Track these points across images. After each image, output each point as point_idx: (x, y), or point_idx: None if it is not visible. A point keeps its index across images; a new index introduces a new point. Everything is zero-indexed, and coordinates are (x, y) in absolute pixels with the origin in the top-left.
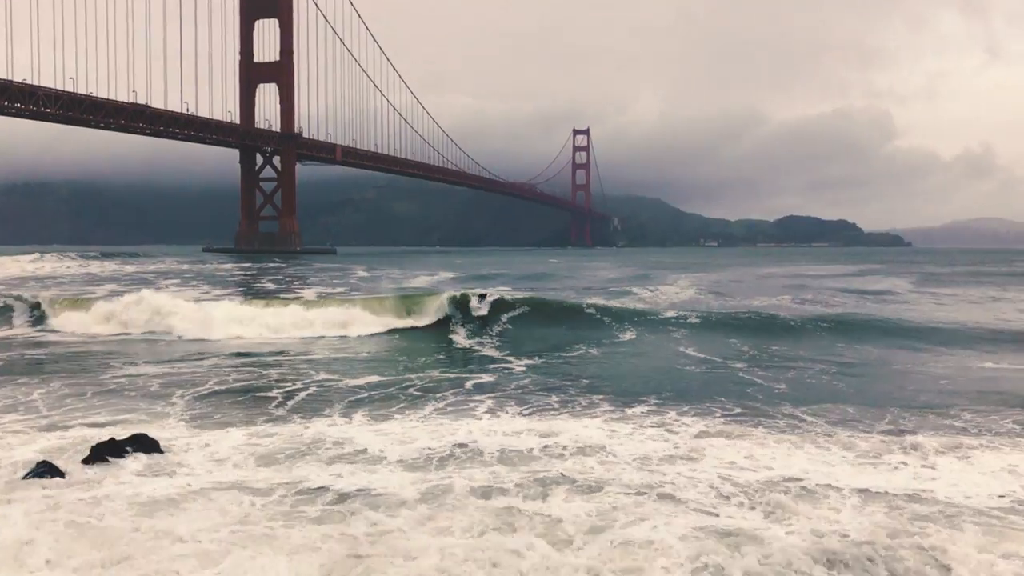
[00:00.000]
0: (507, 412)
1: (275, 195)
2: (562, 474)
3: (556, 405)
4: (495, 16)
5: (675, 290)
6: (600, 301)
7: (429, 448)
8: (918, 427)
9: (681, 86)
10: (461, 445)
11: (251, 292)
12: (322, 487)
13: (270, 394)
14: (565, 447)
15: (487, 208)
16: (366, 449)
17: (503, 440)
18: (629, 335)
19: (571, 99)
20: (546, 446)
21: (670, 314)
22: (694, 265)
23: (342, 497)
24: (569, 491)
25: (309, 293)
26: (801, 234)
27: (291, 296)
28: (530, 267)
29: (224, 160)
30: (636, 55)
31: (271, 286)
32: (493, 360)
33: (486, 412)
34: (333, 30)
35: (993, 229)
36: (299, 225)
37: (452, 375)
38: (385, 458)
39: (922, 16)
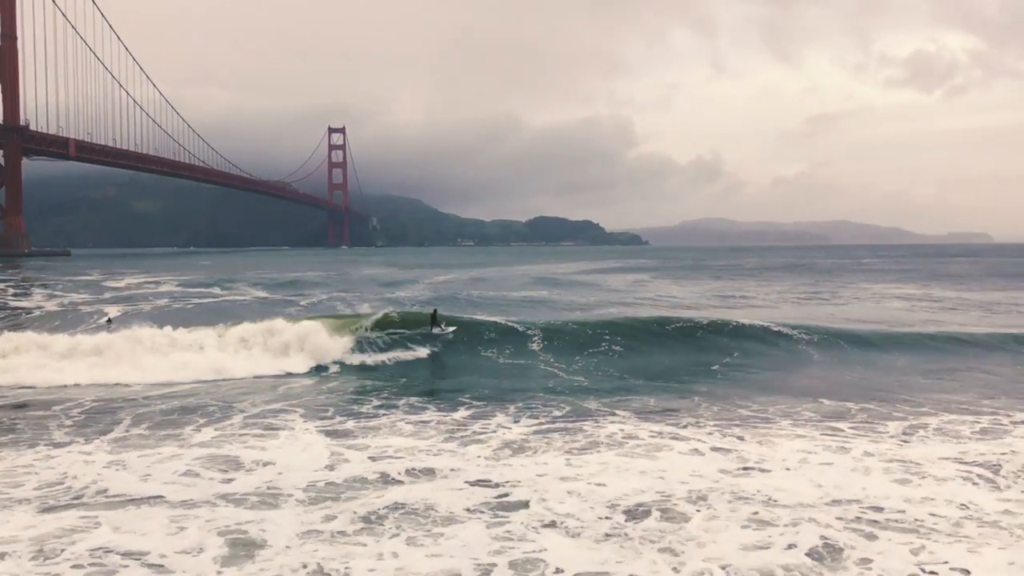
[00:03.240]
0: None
1: None
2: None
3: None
4: (259, 12)
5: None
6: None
7: None
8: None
9: (443, 90)
10: None
11: None
12: None
13: None
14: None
15: (240, 207)
16: None
17: None
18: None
19: (334, 99)
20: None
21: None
22: (455, 265)
23: None
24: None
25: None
26: (550, 234)
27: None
28: (288, 269)
29: None
30: (401, 58)
31: None
32: None
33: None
34: (63, 15)
35: (720, 228)
36: (27, 225)
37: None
38: None
39: (658, 31)
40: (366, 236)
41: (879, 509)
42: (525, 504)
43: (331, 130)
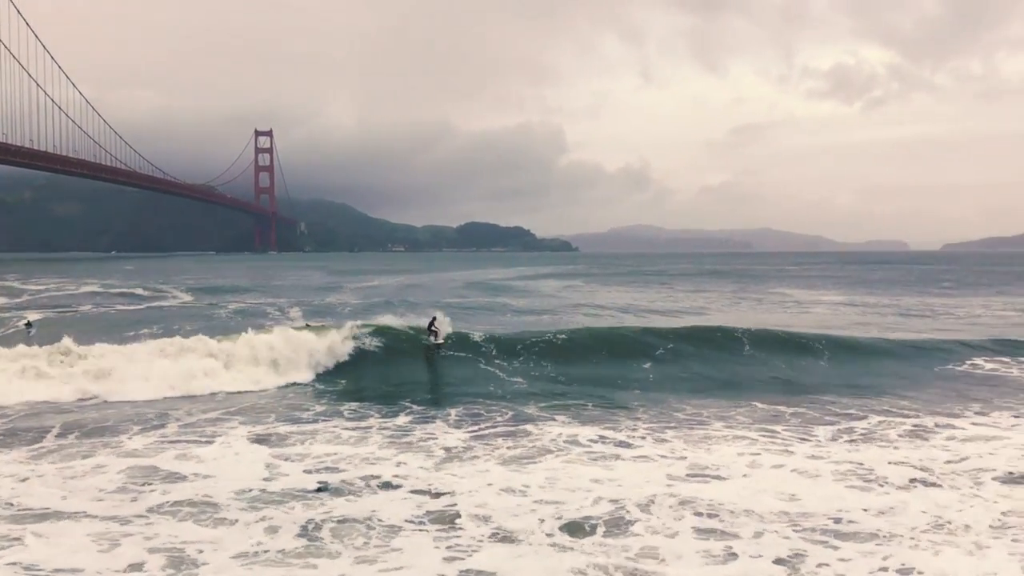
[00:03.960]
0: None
1: None
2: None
3: None
4: (189, 14)
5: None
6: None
7: None
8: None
9: (375, 95)
10: None
11: None
12: None
13: None
14: None
15: (165, 211)
16: None
17: None
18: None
19: (264, 102)
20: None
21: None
22: (385, 271)
23: None
24: None
25: None
26: (482, 240)
27: None
28: (214, 274)
29: None
30: (332, 61)
31: None
32: None
33: None
34: None
35: (648, 235)
36: None
37: None
38: None
39: (588, 40)
40: (294, 241)
41: (837, 518)
42: (472, 515)
43: (258, 133)
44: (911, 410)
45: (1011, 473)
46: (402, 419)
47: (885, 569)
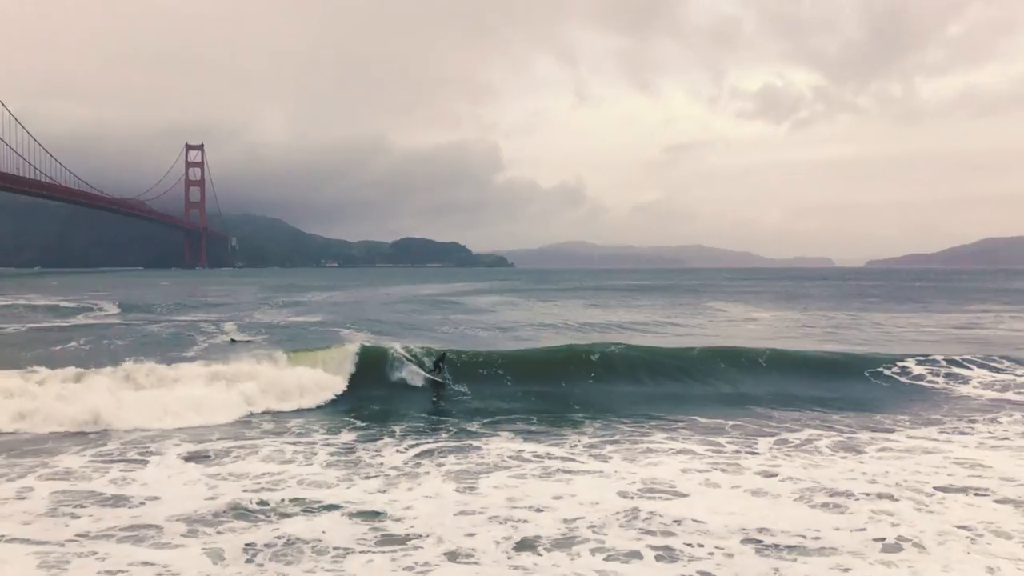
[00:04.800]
0: None
1: None
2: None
3: None
4: (121, 27)
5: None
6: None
7: None
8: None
9: (311, 110)
10: None
11: None
12: None
13: None
14: None
15: (92, 226)
16: None
17: None
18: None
19: (196, 116)
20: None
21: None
22: (318, 287)
23: None
24: None
25: None
26: (417, 255)
27: None
28: (142, 289)
29: None
30: (267, 77)
31: None
32: None
33: None
34: None
35: (582, 252)
36: None
37: None
38: None
39: (523, 59)
40: (225, 257)
41: (793, 533)
42: (422, 535)
43: (188, 147)
44: (846, 423)
45: (951, 485)
46: (347, 436)
47: None
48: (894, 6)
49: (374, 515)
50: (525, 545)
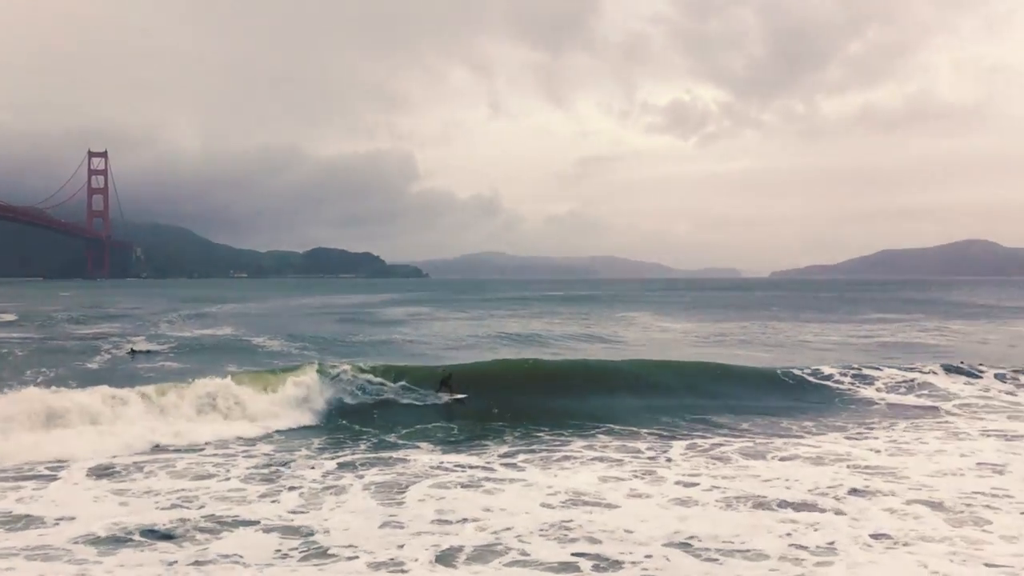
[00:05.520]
0: None
1: None
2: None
3: None
4: (23, 31)
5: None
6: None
7: None
8: None
9: (222, 119)
10: None
11: None
12: None
13: None
14: None
15: None
16: None
17: None
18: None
19: (102, 123)
20: None
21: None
22: (227, 299)
23: None
24: None
25: None
26: (330, 266)
27: None
28: (40, 302)
29: None
30: (177, 85)
31: None
32: None
33: None
34: None
35: (498, 262)
36: None
37: None
38: None
39: (438, 70)
40: (129, 267)
41: (721, 539)
42: (345, 546)
43: (91, 154)
44: (756, 430)
45: (866, 488)
46: (265, 447)
47: None
48: (796, 25)
49: (295, 530)
50: (451, 557)
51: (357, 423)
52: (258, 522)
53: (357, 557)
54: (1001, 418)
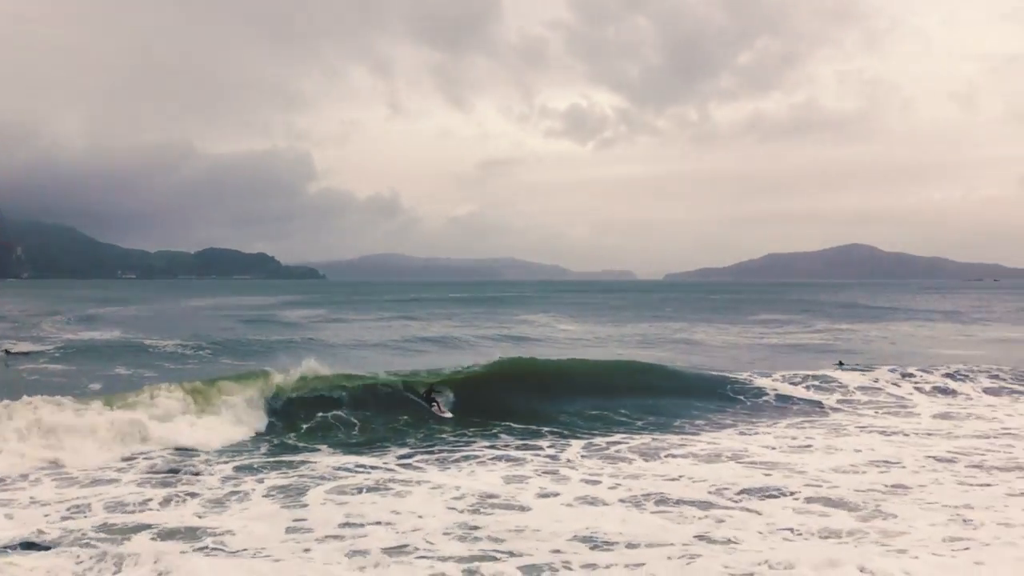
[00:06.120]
0: None
1: None
2: None
3: None
4: None
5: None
6: None
7: None
8: None
9: (112, 115)
10: None
11: None
12: None
13: None
14: None
15: None
16: None
17: None
18: None
19: None
20: None
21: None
22: (112, 300)
23: None
24: None
25: None
26: (223, 267)
27: None
28: None
29: None
30: (64, 82)
31: None
32: None
33: None
34: None
35: (398, 263)
36: None
37: None
38: None
39: (336, 69)
40: (9, 267)
41: (628, 535)
42: (246, 551)
43: None
44: (650, 429)
45: (761, 487)
46: (162, 453)
47: None
48: (690, 35)
49: (194, 535)
50: (360, 559)
51: (259, 428)
52: (151, 526)
53: (260, 561)
54: (885, 414)
